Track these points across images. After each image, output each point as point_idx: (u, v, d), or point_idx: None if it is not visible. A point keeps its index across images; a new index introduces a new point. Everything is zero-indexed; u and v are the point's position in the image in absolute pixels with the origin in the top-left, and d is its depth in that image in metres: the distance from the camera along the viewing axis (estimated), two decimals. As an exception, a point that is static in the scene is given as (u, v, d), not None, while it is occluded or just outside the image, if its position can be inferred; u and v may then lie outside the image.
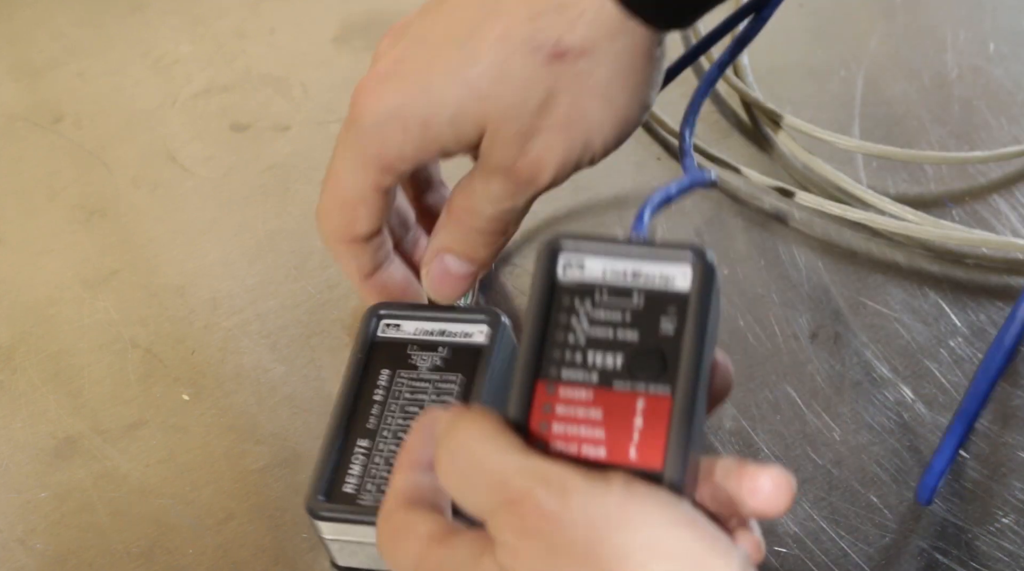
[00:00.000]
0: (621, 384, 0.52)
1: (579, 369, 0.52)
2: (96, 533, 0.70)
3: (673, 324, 0.52)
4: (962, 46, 0.90)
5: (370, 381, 0.69)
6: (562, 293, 0.53)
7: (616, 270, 0.53)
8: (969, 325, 0.77)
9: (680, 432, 0.51)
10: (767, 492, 0.51)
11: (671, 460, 0.50)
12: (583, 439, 0.51)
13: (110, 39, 0.91)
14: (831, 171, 0.83)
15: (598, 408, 0.52)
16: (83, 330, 0.77)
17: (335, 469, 0.67)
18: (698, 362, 0.52)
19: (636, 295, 0.53)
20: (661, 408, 0.51)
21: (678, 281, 0.53)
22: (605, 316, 0.53)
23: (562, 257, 0.54)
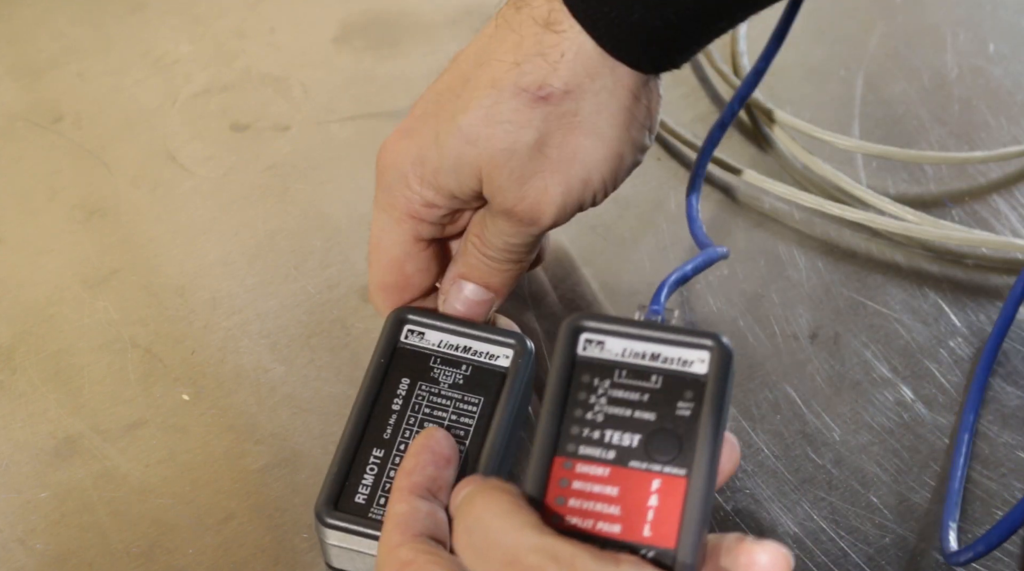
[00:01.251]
0: (637, 463, 0.54)
1: (597, 446, 0.54)
2: (96, 533, 0.70)
3: (690, 407, 0.54)
4: (962, 46, 0.91)
5: (389, 388, 0.68)
6: (582, 371, 0.55)
7: (636, 351, 0.55)
8: (969, 325, 0.77)
9: (694, 512, 0.52)
10: (767, 566, 0.53)
11: (684, 540, 0.52)
12: (599, 515, 0.53)
13: (110, 39, 0.91)
14: (831, 171, 0.83)
15: (614, 485, 0.53)
16: (83, 330, 0.77)
17: (347, 476, 0.66)
18: (713, 445, 0.53)
19: (655, 377, 0.55)
20: (676, 488, 0.53)
21: (696, 366, 0.55)
22: (624, 395, 0.55)
23: (583, 336, 0.56)
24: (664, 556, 0.52)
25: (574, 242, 0.81)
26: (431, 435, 0.64)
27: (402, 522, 0.57)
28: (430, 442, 0.63)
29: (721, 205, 0.83)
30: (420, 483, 0.60)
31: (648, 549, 0.52)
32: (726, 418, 0.55)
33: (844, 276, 0.79)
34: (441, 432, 0.64)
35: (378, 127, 0.86)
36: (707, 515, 0.53)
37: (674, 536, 0.52)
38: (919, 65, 0.90)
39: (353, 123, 0.87)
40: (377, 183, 0.68)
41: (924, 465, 0.72)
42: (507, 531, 0.51)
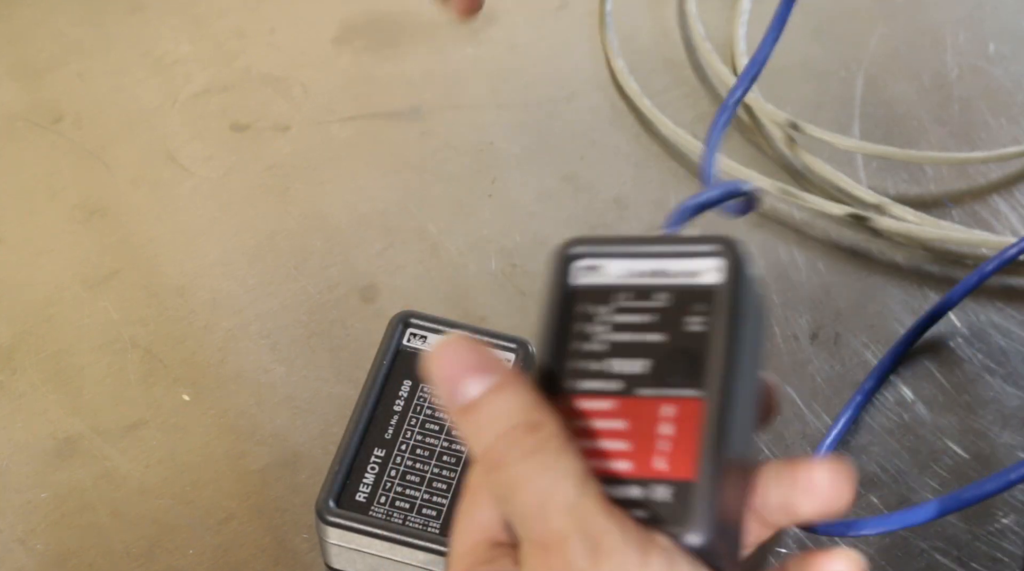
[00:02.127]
0: (647, 390, 0.47)
1: (600, 379, 0.48)
2: (96, 533, 0.70)
3: (702, 321, 0.48)
4: (962, 46, 0.90)
5: (391, 390, 0.69)
6: (578, 301, 0.49)
7: (638, 270, 0.49)
8: (969, 325, 0.77)
9: (714, 436, 0.46)
10: (825, 487, 0.47)
11: (705, 468, 0.46)
12: (608, 454, 0.47)
13: (110, 39, 0.91)
14: (831, 171, 0.83)
15: (622, 418, 0.47)
16: (83, 330, 0.77)
17: (349, 475, 0.66)
18: (731, 359, 0.47)
19: (661, 295, 0.49)
20: (692, 412, 0.47)
21: (706, 276, 0.48)
22: (628, 320, 0.48)
23: (577, 261, 0.50)
24: (684, 490, 0.46)
25: (574, 242, 0.81)
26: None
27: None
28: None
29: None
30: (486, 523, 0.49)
31: (664, 484, 0.46)
32: (757, 335, 0.48)
33: (844, 276, 0.79)
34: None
35: (378, 127, 0.86)
36: (737, 440, 0.46)
37: (693, 466, 0.46)
38: (919, 65, 0.90)
39: (353, 123, 0.87)
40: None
41: (924, 465, 0.72)
42: (545, 471, 0.45)
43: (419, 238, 0.81)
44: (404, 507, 0.66)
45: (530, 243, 0.81)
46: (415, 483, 0.67)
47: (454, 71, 0.88)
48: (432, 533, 0.66)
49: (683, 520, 0.45)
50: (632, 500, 0.46)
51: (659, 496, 0.46)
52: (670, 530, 0.45)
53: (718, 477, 0.45)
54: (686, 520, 0.45)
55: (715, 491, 0.45)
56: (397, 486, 0.67)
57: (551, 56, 0.89)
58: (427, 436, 0.68)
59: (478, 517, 0.48)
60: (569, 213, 0.82)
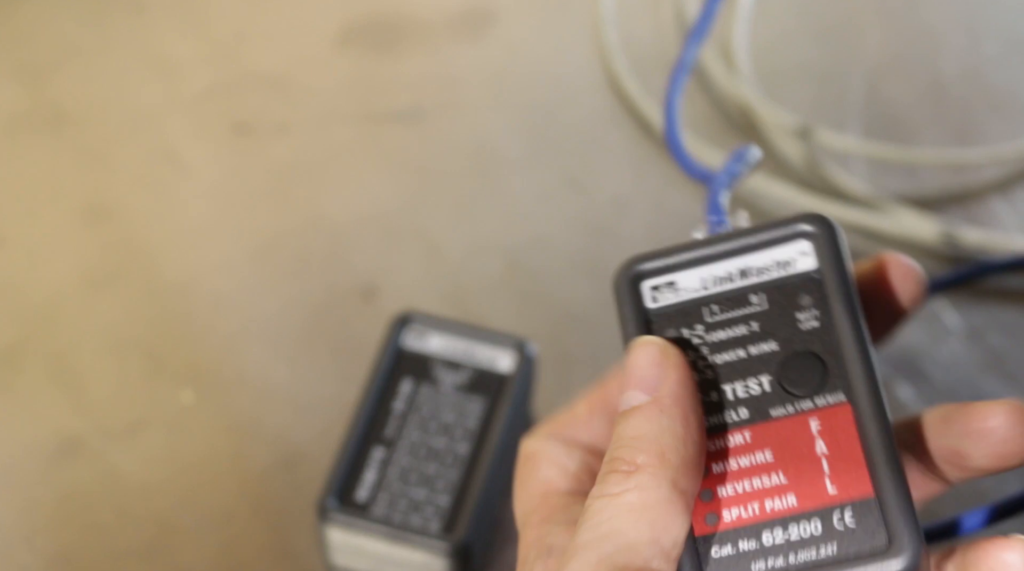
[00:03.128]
0: (780, 409, 0.42)
1: (721, 412, 0.42)
2: (98, 532, 0.70)
3: (815, 314, 0.43)
4: (961, 47, 0.91)
5: (392, 390, 0.69)
6: (663, 326, 0.44)
7: (718, 276, 0.44)
8: (968, 325, 0.77)
9: (879, 438, 0.41)
10: (1002, 431, 0.42)
11: (882, 476, 0.40)
12: (762, 494, 0.41)
13: (111, 39, 0.91)
14: (830, 171, 0.83)
15: (764, 448, 0.42)
16: (85, 330, 0.78)
17: (349, 474, 0.67)
18: (863, 348, 0.42)
19: (755, 296, 0.43)
20: (842, 419, 0.42)
21: (801, 262, 0.43)
22: (727, 335, 0.43)
23: (645, 280, 0.44)
24: (867, 509, 0.40)
25: (572, 243, 0.81)
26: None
27: (554, 419, 0.48)
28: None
29: (721, 205, 0.83)
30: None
31: (843, 508, 0.40)
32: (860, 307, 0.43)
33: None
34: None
35: (378, 128, 0.86)
36: (893, 435, 0.41)
37: (866, 479, 0.40)
38: (918, 65, 0.90)
39: (354, 123, 0.87)
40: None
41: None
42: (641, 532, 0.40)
43: (419, 238, 0.81)
44: (405, 506, 0.66)
45: (530, 243, 0.81)
46: (416, 482, 0.67)
47: (454, 71, 0.88)
48: (433, 532, 0.66)
49: (880, 544, 0.40)
50: (811, 539, 0.40)
51: (841, 525, 0.41)
52: (870, 561, 0.40)
53: (901, 483, 0.40)
54: (885, 543, 0.40)
55: (905, 500, 0.40)
56: (398, 485, 0.67)
57: (551, 56, 0.89)
58: (428, 435, 0.68)
59: (542, 474, 0.46)
60: (569, 213, 0.82)
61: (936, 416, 0.43)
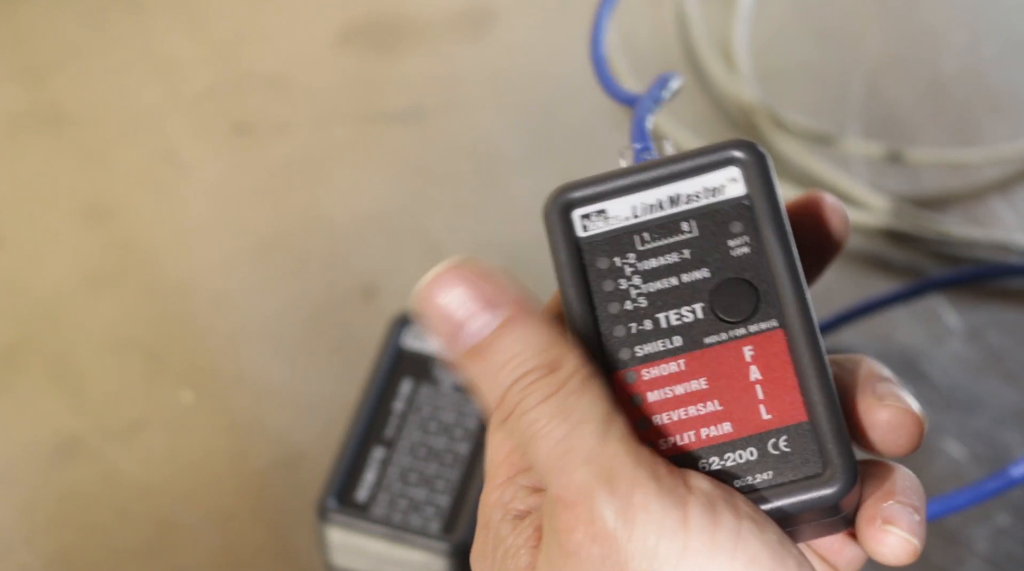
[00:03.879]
0: (714, 337, 0.42)
1: (655, 338, 0.42)
2: (99, 532, 0.70)
3: (745, 240, 0.42)
4: (961, 46, 0.91)
5: (391, 390, 0.69)
6: (594, 255, 0.43)
7: (648, 203, 0.43)
8: (967, 325, 0.77)
9: (811, 364, 0.41)
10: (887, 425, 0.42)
11: (815, 402, 0.40)
12: (698, 421, 0.41)
13: (111, 39, 0.91)
14: (830, 171, 0.83)
15: (699, 376, 0.41)
16: (85, 330, 0.78)
17: (349, 474, 0.67)
18: (794, 272, 0.42)
19: (686, 223, 0.43)
20: (775, 345, 0.41)
21: (730, 188, 0.43)
22: (659, 262, 0.42)
23: (575, 209, 0.44)
24: (801, 434, 0.40)
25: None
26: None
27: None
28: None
29: (721, 205, 0.83)
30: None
31: (777, 434, 0.41)
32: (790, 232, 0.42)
33: (844, 276, 0.80)
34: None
35: (378, 128, 0.86)
36: (826, 361, 0.41)
37: (800, 405, 0.40)
38: (918, 65, 0.90)
39: (353, 123, 0.87)
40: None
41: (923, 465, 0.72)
42: (565, 416, 0.39)
43: (419, 238, 0.81)
44: (405, 506, 0.66)
45: (530, 243, 0.81)
46: (416, 482, 0.67)
47: (454, 71, 0.88)
48: (433, 532, 0.66)
49: (815, 470, 0.40)
50: (747, 465, 0.41)
51: (776, 450, 0.41)
52: (804, 487, 0.40)
53: (835, 409, 0.40)
54: (820, 468, 0.40)
55: (838, 427, 0.40)
56: (398, 485, 0.67)
57: (551, 56, 0.89)
58: (427, 435, 0.68)
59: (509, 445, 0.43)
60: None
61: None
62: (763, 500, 0.41)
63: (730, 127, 0.87)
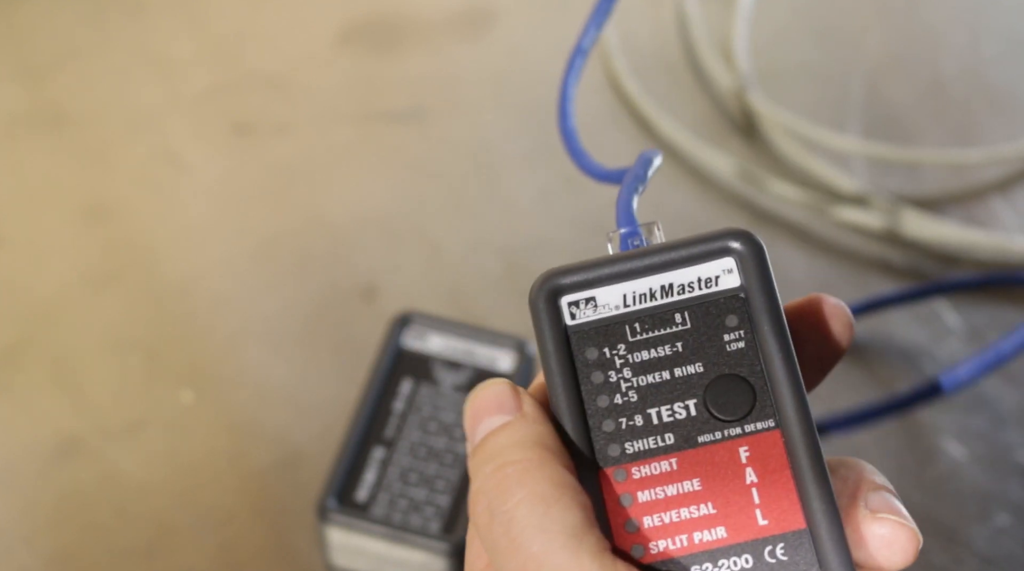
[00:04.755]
0: (708, 436, 0.40)
1: (646, 435, 0.40)
2: (98, 532, 0.70)
3: (740, 334, 0.41)
4: (961, 47, 0.91)
5: (391, 390, 0.69)
6: (582, 345, 0.41)
7: (640, 292, 0.42)
8: (967, 325, 0.77)
9: (810, 466, 0.39)
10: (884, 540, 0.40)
11: (813, 509, 0.39)
12: (690, 525, 0.39)
13: (111, 39, 0.91)
14: (830, 171, 0.83)
15: (691, 477, 0.40)
16: (85, 330, 0.78)
17: (349, 474, 0.67)
18: (791, 370, 0.40)
19: (679, 314, 0.41)
20: (772, 447, 0.40)
21: (725, 279, 0.41)
22: (651, 356, 0.41)
23: (563, 296, 0.42)
24: (799, 542, 0.39)
25: (572, 244, 0.81)
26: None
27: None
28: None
29: (719, 206, 0.83)
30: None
31: (774, 541, 0.39)
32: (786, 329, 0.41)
33: (844, 276, 0.80)
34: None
35: (378, 128, 0.86)
36: (825, 463, 0.40)
37: (798, 511, 0.39)
38: (918, 65, 0.90)
39: (354, 123, 0.87)
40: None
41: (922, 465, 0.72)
42: (533, 529, 0.38)
43: (419, 238, 0.81)
44: (405, 506, 0.66)
45: (530, 243, 0.81)
46: (416, 482, 0.67)
47: (454, 71, 0.88)
48: (433, 532, 0.66)
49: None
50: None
51: (772, 558, 0.39)
52: None
53: (834, 515, 0.39)
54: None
55: (837, 534, 0.39)
56: (398, 485, 0.67)
57: (551, 56, 0.89)
58: (427, 435, 0.68)
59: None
60: (569, 213, 0.82)
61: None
62: None
63: (730, 127, 0.87)
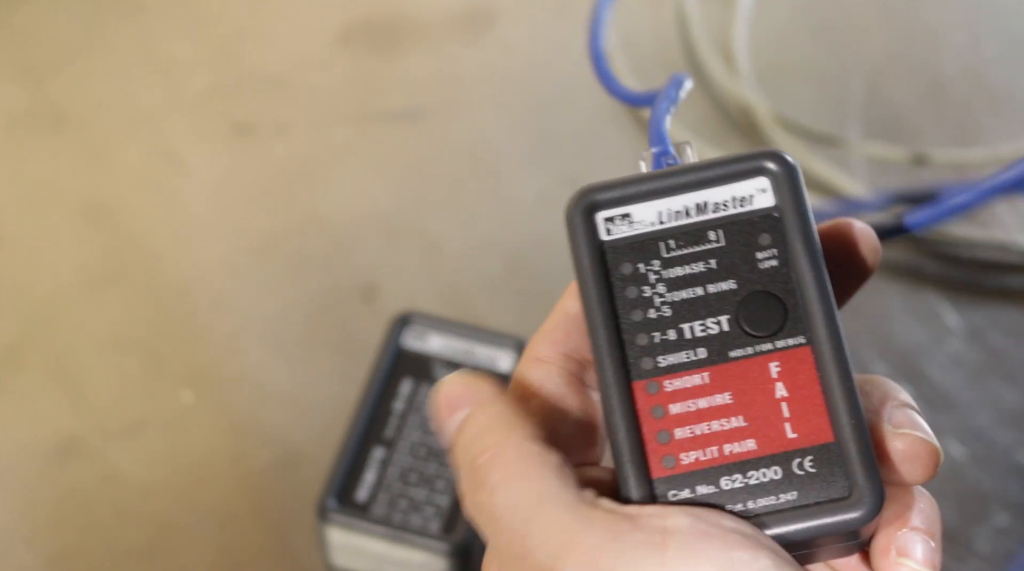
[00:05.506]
0: (739, 351, 0.41)
1: (679, 349, 0.41)
2: (98, 533, 0.70)
3: (774, 253, 0.41)
4: (961, 47, 0.91)
5: (391, 390, 0.69)
6: (618, 260, 0.42)
7: (675, 209, 0.42)
8: (967, 325, 0.77)
9: (839, 383, 0.40)
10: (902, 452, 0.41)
11: (841, 423, 0.40)
12: (721, 436, 0.40)
13: (111, 40, 0.91)
14: (830, 171, 0.84)
15: (723, 391, 0.40)
16: (85, 330, 0.78)
17: (349, 474, 0.67)
18: (822, 288, 0.41)
19: (713, 232, 0.42)
20: (803, 363, 0.41)
21: (759, 198, 0.42)
22: (685, 271, 0.41)
23: (599, 211, 0.43)
24: (827, 455, 0.40)
25: (574, 242, 0.81)
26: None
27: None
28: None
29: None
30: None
31: (802, 454, 0.40)
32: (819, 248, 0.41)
33: (843, 276, 0.80)
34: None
35: (378, 128, 0.86)
36: (854, 380, 0.40)
37: (827, 425, 0.40)
38: (918, 66, 0.90)
39: (354, 123, 0.87)
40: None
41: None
42: (532, 519, 0.39)
43: (419, 238, 0.81)
44: (405, 506, 0.66)
45: (530, 243, 0.81)
46: (416, 482, 0.67)
47: (454, 71, 0.88)
48: (433, 532, 0.66)
49: (840, 492, 0.40)
50: (771, 484, 0.40)
51: (801, 470, 0.40)
52: (830, 509, 0.39)
53: (862, 430, 0.40)
54: (846, 491, 0.40)
55: (865, 448, 0.39)
56: (398, 485, 0.67)
57: (551, 56, 0.89)
58: (427, 435, 0.68)
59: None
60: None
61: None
62: (785, 521, 0.40)
63: (730, 127, 0.87)
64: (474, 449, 0.41)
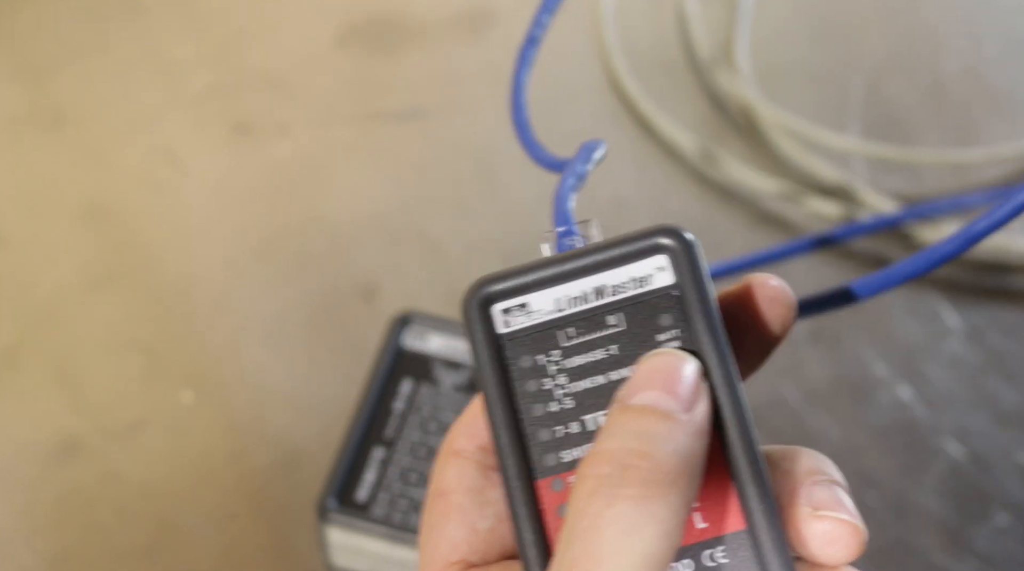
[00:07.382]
0: None
1: (584, 443, 0.39)
2: (98, 532, 0.70)
3: (675, 333, 0.40)
4: (961, 47, 0.91)
5: (391, 390, 0.69)
6: (517, 352, 0.41)
7: (572, 296, 0.41)
8: (967, 325, 0.77)
9: (748, 468, 0.39)
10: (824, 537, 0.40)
11: (752, 508, 0.38)
12: None
13: (111, 40, 0.91)
14: (830, 171, 0.84)
15: None
16: (85, 330, 0.78)
17: (349, 474, 0.67)
18: (728, 370, 0.40)
19: (613, 316, 0.40)
20: (710, 449, 0.39)
21: (658, 277, 0.40)
22: (585, 360, 0.40)
23: (496, 303, 0.42)
24: (739, 544, 0.38)
25: (574, 242, 0.81)
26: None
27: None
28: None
29: (719, 205, 0.83)
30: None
31: (713, 544, 0.39)
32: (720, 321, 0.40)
33: (843, 276, 0.80)
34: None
35: (378, 128, 0.87)
36: (761, 463, 0.39)
37: (737, 511, 0.38)
38: (918, 66, 0.90)
39: (354, 124, 0.87)
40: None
41: (922, 465, 0.72)
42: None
43: (419, 238, 0.81)
44: (405, 506, 0.67)
45: (530, 243, 0.81)
46: (416, 482, 0.67)
47: (454, 71, 0.89)
48: (433, 532, 0.66)
49: None
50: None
51: (711, 562, 0.39)
52: None
53: (773, 516, 0.38)
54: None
55: (777, 534, 0.38)
56: (398, 485, 0.67)
57: (551, 57, 0.89)
58: (427, 435, 0.68)
59: (449, 534, 0.42)
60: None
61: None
62: None
63: (730, 127, 0.87)
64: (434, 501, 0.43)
